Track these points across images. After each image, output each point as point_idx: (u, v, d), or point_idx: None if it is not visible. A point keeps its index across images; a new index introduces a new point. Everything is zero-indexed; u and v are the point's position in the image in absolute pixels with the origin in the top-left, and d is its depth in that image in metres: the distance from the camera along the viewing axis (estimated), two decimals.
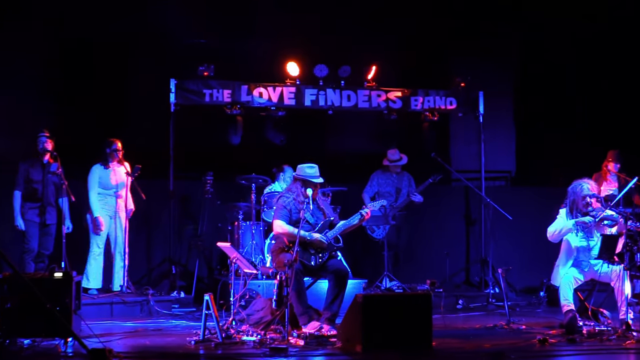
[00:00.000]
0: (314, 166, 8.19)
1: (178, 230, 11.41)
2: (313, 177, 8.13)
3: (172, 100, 10.79)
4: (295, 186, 8.24)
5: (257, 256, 10.41)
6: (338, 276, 7.88)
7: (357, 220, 8.13)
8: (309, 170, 8.17)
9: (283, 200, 8.16)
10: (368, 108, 11.40)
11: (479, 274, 11.58)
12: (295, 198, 8.14)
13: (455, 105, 11.60)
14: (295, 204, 8.10)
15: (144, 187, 10.12)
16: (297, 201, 8.11)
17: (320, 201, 8.33)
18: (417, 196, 11.10)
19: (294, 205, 8.10)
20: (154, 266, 11.32)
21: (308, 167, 8.19)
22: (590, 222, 8.01)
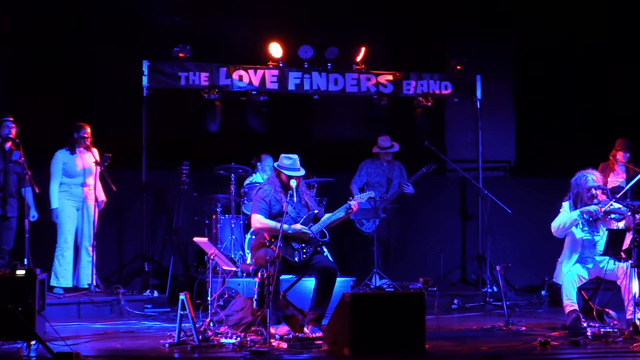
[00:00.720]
0: (292, 157, 8.16)
1: (151, 225, 11.35)
2: (290, 170, 8.10)
3: (145, 83, 10.74)
4: (273, 177, 8.23)
5: (236, 252, 10.39)
6: (325, 274, 7.87)
7: (343, 213, 8.11)
8: (287, 161, 8.15)
9: (261, 192, 8.15)
10: (357, 93, 11.38)
11: (476, 271, 11.60)
12: (274, 189, 8.11)
13: (450, 90, 11.60)
14: (275, 195, 8.08)
15: (114, 177, 10.06)
16: (277, 192, 8.09)
17: (304, 193, 8.30)
18: (409, 187, 11.10)
19: (274, 197, 8.08)
20: (125, 263, 11.28)
21: (286, 158, 8.16)
22: (596, 210, 8.00)
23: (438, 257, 11.41)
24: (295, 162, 8.15)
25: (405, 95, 11.48)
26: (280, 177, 8.17)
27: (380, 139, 11.31)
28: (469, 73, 11.63)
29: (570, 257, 8.15)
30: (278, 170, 8.17)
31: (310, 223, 8.11)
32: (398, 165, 11.44)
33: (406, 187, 11.11)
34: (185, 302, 7.11)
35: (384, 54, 11.81)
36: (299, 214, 8.16)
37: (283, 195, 8.10)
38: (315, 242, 8.06)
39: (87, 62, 11.76)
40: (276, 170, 8.21)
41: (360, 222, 11.15)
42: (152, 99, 10.80)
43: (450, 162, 11.63)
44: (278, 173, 8.18)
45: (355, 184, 11.29)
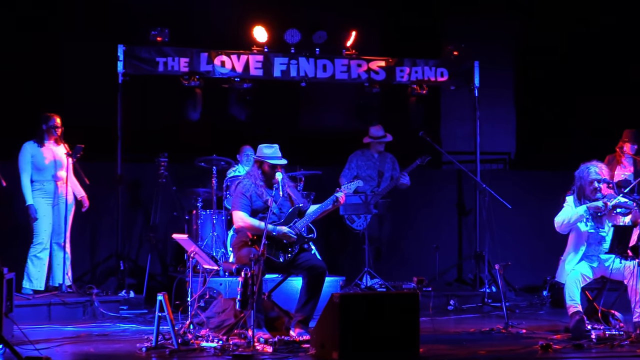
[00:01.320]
0: (273, 146, 8.14)
1: (127, 221, 11.32)
2: (271, 158, 8.07)
3: (120, 69, 10.70)
4: (254, 170, 8.20)
5: (218, 250, 10.38)
6: (313, 273, 7.85)
7: (330, 205, 8.09)
8: (267, 150, 8.11)
9: (241, 187, 8.11)
10: (347, 80, 11.38)
11: (473, 270, 11.61)
12: (255, 183, 8.08)
13: (446, 77, 11.61)
14: (256, 189, 8.05)
15: (87, 170, 10.02)
16: (258, 187, 8.06)
17: (286, 186, 8.27)
18: (405, 177, 11.07)
19: (254, 192, 8.05)
20: (99, 262, 11.25)
21: (266, 147, 8.14)
22: (603, 206, 8.00)
23: (433, 255, 11.41)
24: (277, 151, 8.13)
25: (398, 82, 11.48)
26: (262, 168, 8.12)
27: (373, 128, 11.29)
28: (466, 59, 11.64)
29: (574, 255, 8.13)
30: (260, 161, 8.13)
31: (295, 218, 8.09)
32: (390, 158, 11.42)
33: (402, 177, 11.07)
34: (163, 303, 7.09)
35: (376, 38, 11.84)
36: (281, 209, 8.14)
37: (265, 189, 8.05)
38: (301, 240, 8.04)
39: (57, 46, 11.70)
40: (257, 162, 8.16)
41: (351, 218, 11.14)
42: (128, 86, 10.75)
43: (446, 154, 11.62)
44: (260, 164, 8.13)
45: (344, 178, 11.27)
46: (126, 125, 10.75)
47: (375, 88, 11.46)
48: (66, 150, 9.82)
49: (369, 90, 11.48)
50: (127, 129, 10.78)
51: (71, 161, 9.80)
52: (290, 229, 7.96)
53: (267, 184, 8.07)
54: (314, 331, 7.22)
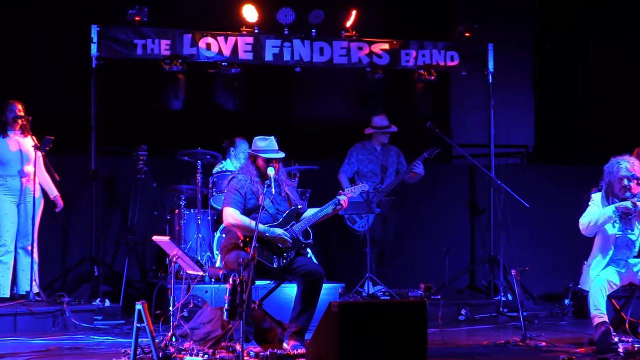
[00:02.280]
0: (268, 138, 8.13)
1: (102, 221, 11.29)
2: (267, 152, 8.07)
3: (94, 52, 10.68)
4: (248, 165, 8.19)
5: (203, 253, 10.37)
6: (309, 280, 7.85)
7: (330, 210, 8.09)
8: (262, 143, 8.11)
9: (235, 183, 8.10)
10: (346, 64, 11.38)
11: (487, 276, 11.62)
12: (250, 179, 8.08)
13: (457, 62, 11.61)
14: (251, 186, 8.05)
15: (57, 165, 10.00)
16: (253, 183, 8.05)
17: (284, 184, 8.27)
18: (419, 166, 10.96)
19: (249, 188, 8.04)
20: (71, 267, 11.20)
21: (260, 140, 8.13)
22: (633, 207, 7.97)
23: (442, 260, 11.42)
24: (272, 143, 8.11)
25: (403, 67, 11.48)
26: (256, 163, 8.12)
27: (376, 118, 11.26)
28: (479, 41, 11.64)
29: (600, 259, 8.11)
30: (254, 156, 8.13)
31: (292, 221, 8.08)
32: (395, 151, 11.40)
33: (415, 166, 10.98)
34: (142, 312, 7.08)
35: (378, 18, 11.84)
36: (278, 210, 8.12)
37: (260, 186, 8.04)
38: (297, 244, 8.04)
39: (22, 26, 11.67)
40: (251, 156, 8.17)
41: (352, 219, 11.13)
42: (103, 72, 10.73)
43: (457, 146, 11.62)
44: (254, 159, 8.13)
45: (344, 173, 11.26)
46: (101, 115, 10.73)
47: (378, 73, 11.47)
48: (34, 143, 9.79)
49: (371, 76, 11.48)
50: (102, 118, 10.75)
51: (39, 155, 9.77)
52: (286, 232, 7.95)
53: (262, 181, 8.06)
54: (310, 344, 7.23)
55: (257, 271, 7.62)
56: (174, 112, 11.20)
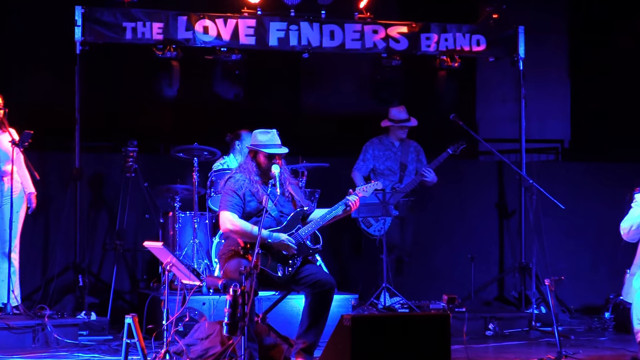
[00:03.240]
0: (270, 131, 8.12)
1: (87, 225, 11.34)
2: (269, 147, 8.06)
3: (78, 37, 10.68)
4: (248, 162, 8.18)
5: (200, 261, 10.37)
6: (319, 290, 7.85)
7: (340, 212, 8.08)
8: (263, 137, 8.09)
9: (232, 183, 8.08)
10: (360, 50, 11.38)
11: (518, 286, 11.61)
12: (249, 178, 8.07)
13: (484, 46, 11.60)
14: (250, 187, 8.04)
15: (37, 162, 10.02)
16: (253, 183, 8.05)
17: (288, 182, 8.26)
18: (430, 173, 11.05)
19: (248, 189, 8.04)
20: (52, 276, 11.12)
21: (262, 133, 8.12)
22: None
23: (468, 268, 11.40)
24: (275, 137, 8.10)
25: (424, 53, 11.48)
26: (257, 159, 8.11)
27: (394, 110, 11.26)
28: (508, 23, 11.63)
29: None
30: (254, 151, 8.10)
31: (297, 224, 8.07)
32: (414, 147, 11.40)
33: (427, 173, 11.06)
34: (132, 327, 7.09)
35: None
36: (282, 212, 8.11)
37: (261, 186, 8.03)
38: (305, 251, 8.03)
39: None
40: (251, 152, 8.14)
41: (366, 221, 11.13)
42: (88, 58, 10.75)
43: (484, 142, 11.60)
44: (254, 154, 8.11)
45: (358, 171, 11.26)
46: (86, 107, 10.74)
47: (395, 60, 11.46)
48: (11, 138, 9.80)
49: (387, 62, 11.47)
50: (87, 110, 10.78)
51: (18, 151, 9.77)
52: (291, 237, 7.95)
53: (264, 180, 8.04)
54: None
55: (260, 281, 7.64)
56: (167, 103, 11.26)
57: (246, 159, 8.22)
